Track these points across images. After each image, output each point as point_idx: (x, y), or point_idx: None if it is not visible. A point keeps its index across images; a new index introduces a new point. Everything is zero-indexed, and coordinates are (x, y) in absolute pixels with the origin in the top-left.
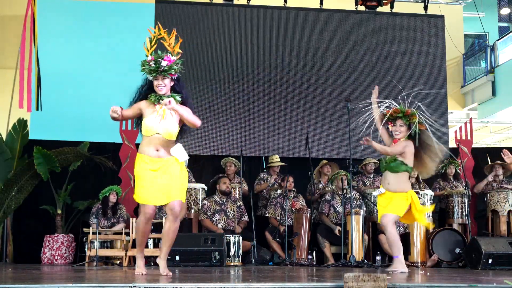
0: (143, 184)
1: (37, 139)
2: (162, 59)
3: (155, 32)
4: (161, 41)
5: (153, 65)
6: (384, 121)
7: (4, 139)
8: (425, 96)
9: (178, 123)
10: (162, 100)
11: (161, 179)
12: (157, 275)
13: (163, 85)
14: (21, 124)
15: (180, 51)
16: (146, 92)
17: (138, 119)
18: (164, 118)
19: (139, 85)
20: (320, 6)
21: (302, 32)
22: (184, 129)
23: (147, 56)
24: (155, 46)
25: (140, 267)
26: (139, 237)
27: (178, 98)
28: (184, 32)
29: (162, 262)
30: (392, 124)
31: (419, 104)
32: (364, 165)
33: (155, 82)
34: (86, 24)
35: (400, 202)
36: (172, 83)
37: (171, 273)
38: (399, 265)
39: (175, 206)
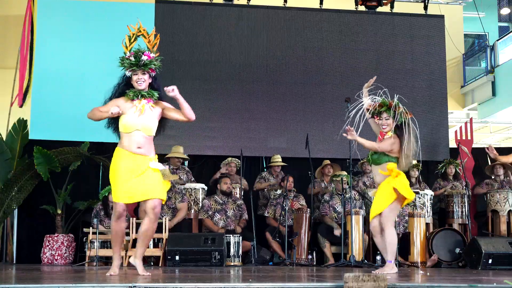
0: (117, 182)
1: (37, 139)
2: (142, 53)
3: (134, 30)
4: (142, 37)
5: (133, 59)
6: (369, 116)
7: (4, 139)
8: (424, 97)
9: (157, 119)
10: (142, 96)
11: (138, 176)
12: (157, 275)
13: (143, 80)
14: (21, 124)
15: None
16: (123, 89)
17: (112, 118)
18: (143, 113)
19: (116, 83)
20: (320, 6)
21: (302, 32)
22: (162, 124)
23: (125, 53)
24: (134, 43)
25: (113, 267)
26: (112, 236)
27: (156, 94)
28: (184, 32)
29: (138, 261)
30: (378, 118)
31: (398, 96)
32: (361, 164)
33: (135, 77)
34: (86, 24)
35: (386, 188)
36: (150, 80)
37: (149, 274)
38: (389, 269)
39: (157, 206)
